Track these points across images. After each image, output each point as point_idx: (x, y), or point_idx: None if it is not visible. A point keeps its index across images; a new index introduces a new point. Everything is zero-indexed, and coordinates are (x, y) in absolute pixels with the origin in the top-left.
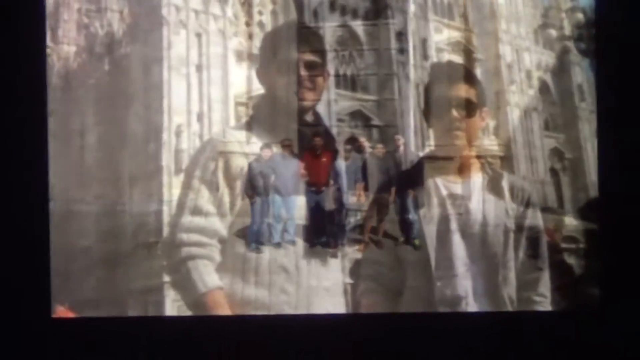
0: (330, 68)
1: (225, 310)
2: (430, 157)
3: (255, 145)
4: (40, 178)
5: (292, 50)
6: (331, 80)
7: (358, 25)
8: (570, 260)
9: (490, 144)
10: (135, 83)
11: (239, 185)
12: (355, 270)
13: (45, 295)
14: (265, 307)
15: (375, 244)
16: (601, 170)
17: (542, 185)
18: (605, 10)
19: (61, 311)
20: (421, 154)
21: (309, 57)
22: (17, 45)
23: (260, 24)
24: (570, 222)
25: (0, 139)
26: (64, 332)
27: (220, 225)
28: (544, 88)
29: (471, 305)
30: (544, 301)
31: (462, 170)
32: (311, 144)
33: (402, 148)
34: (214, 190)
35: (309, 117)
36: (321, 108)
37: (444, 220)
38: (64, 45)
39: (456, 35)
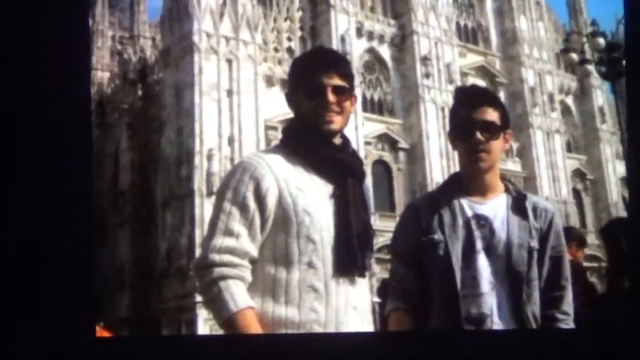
0: (358, 92)
1: (256, 329)
2: (455, 179)
3: (285, 168)
4: (84, 197)
5: (320, 75)
6: (358, 104)
7: (384, 51)
8: (593, 278)
9: (514, 165)
10: (168, 108)
11: (269, 206)
12: (383, 289)
13: (88, 315)
14: (295, 326)
15: (403, 264)
16: (631, 189)
17: (565, 205)
18: (635, 28)
19: (97, 330)
20: (446, 176)
21: (337, 81)
22: (61, 69)
23: (289, 50)
24: (593, 241)
25: (44, 159)
26: (106, 353)
27: (251, 246)
28: (566, 110)
29: (496, 324)
30: (567, 319)
31: (487, 191)
32: (345, 166)
33: (428, 169)
34: (245, 212)
35: (337, 141)
36: (349, 131)
37: (469, 240)
38: (98, 72)
39: (480, 59)
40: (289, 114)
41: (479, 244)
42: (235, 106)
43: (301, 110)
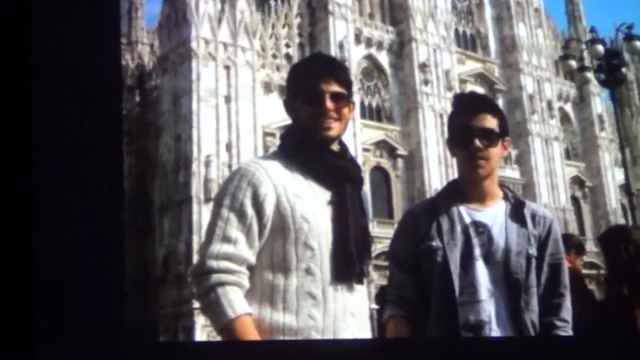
0: (356, 98)
1: (253, 336)
2: (454, 186)
3: (283, 174)
4: (116, 200)
5: (319, 82)
6: (357, 110)
7: (383, 57)
8: (591, 286)
9: (513, 172)
10: (165, 114)
11: (267, 213)
12: (381, 296)
13: (122, 320)
14: (293, 333)
15: (401, 271)
16: None
17: (564, 212)
18: None
19: None
20: (445, 183)
21: (335, 88)
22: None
23: (288, 56)
24: (591, 248)
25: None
26: (170, 357)
27: (248, 253)
28: (564, 118)
29: (494, 331)
30: (565, 326)
31: (485, 198)
32: (343, 173)
33: (426, 176)
34: (242, 218)
35: (335, 147)
36: (347, 138)
37: (467, 247)
38: None
39: (478, 66)
40: (287, 120)
41: (477, 251)
42: (233, 112)
43: (299, 116)
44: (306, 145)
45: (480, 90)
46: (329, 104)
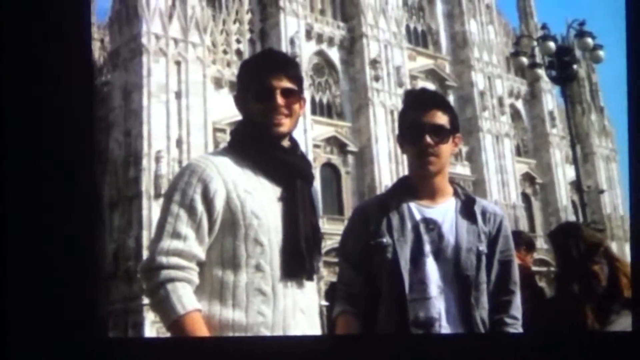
0: (307, 95)
1: (203, 332)
2: (404, 182)
3: (233, 170)
4: (87, 195)
5: (269, 78)
6: (307, 106)
7: (334, 53)
8: (542, 282)
9: (463, 169)
10: (116, 109)
11: (217, 209)
12: (331, 292)
13: (99, 316)
14: (243, 329)
15: (351, 267)
16: (633, 193)
17: (514, 209)
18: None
19: None
20: (395, 179)
21: (286, 84)
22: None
23: (238, 52)
24: (542, 245)
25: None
26: (119, 353)
27: (198, 249)
28: (515, 114)
29: (444, 327)
30: (515, 323)
31: (435, 195)
32: (293, 169)
33: (377, 173)
34: (192, 214)
35: (285, 143)
36: (297, 134)
37: (418, 243)
38: None
39: (429, 63)
40: (237, 116)
41: (427, 248)
42: (183, 108)
43: (250, 112)
44: (256, 141)
45: (431, 86)
46: (280, 99)
